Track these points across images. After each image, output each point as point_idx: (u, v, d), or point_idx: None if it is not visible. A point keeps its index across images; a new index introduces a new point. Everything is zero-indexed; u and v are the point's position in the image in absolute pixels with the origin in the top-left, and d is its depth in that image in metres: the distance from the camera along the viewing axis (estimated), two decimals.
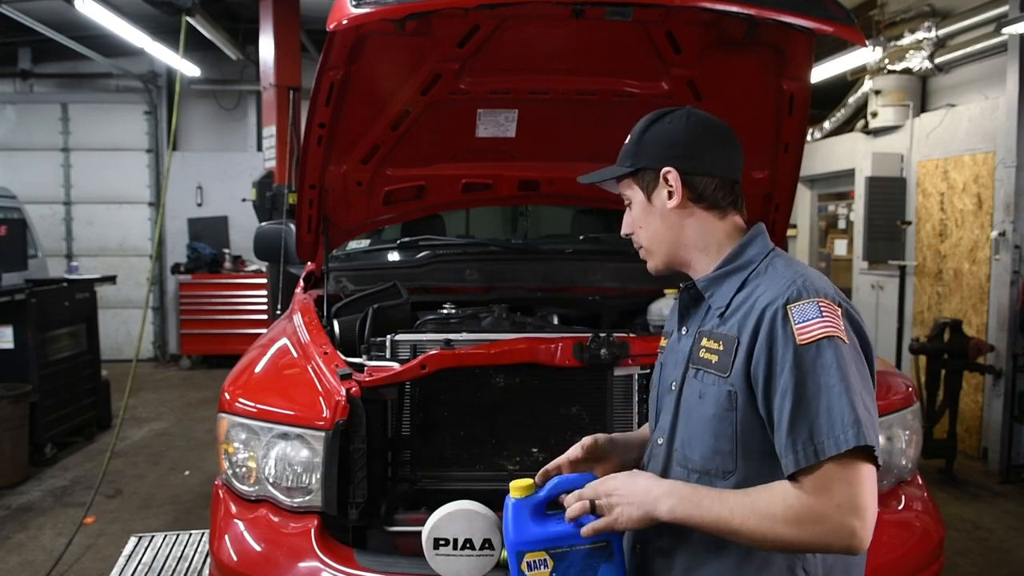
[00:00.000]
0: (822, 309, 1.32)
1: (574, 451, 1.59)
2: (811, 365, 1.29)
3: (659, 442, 1.53)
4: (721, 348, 1.41)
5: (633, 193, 1.56)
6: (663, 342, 1.65)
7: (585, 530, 1.41)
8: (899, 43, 6.48)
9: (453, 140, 2.86)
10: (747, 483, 1.35)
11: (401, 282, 2.89)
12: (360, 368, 2.29)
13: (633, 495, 1.38)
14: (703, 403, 1.42)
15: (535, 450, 2.37)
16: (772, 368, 1.32)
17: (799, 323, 1.31)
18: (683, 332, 1.55)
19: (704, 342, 1.45)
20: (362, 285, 2.99)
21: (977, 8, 5.84)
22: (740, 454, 1.38)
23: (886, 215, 6.75)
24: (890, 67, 6.66)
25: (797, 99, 2.57)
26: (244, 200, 7.55)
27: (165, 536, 4.20)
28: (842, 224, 8.21)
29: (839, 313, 1.34)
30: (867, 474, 1.26)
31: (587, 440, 1.60)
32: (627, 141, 1.58)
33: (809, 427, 1.27)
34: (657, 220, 1.53)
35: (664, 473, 1.49)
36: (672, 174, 1.50)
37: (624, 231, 1.61)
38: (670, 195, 1.50)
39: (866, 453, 1.26)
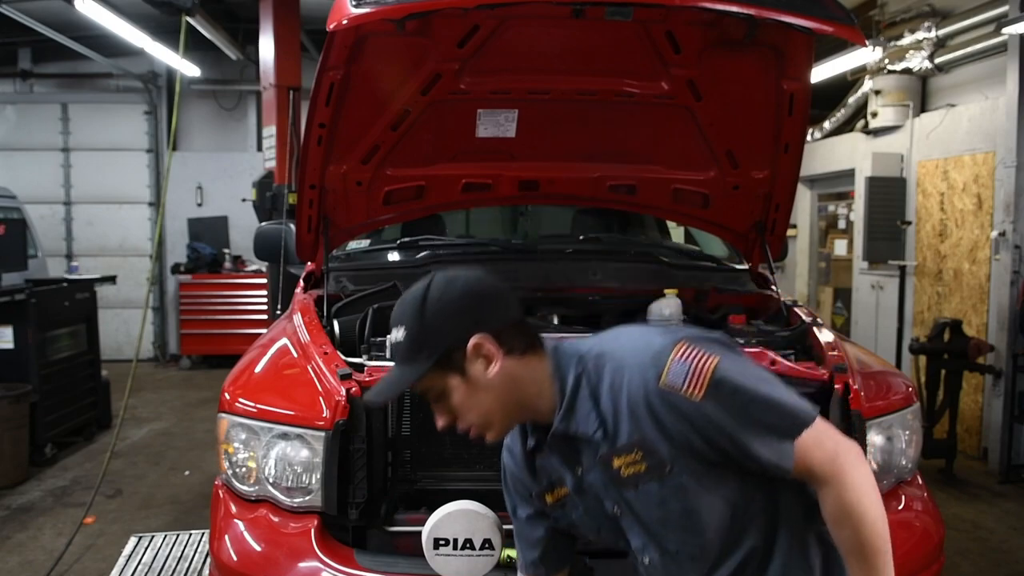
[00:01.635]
0: (684, 361, 1.35)
1: None
2: (724, 403, 1.34)
3: (646, 561, 1.51)
4: (639, 456, 1.40)
5: (442, 383, 1.46)
6: (560, 492, 1.56)
7: None
8: (899, 43, 6.48)
9: (453, 140, 2.86)
10: (756, 500, 1.43)
11: (401, 282, 2.89)
12: (360, 368, 2.29)
13: None
14: (669, 504, 1.41)
15: None
16: (703, 432, 1.36)
17: (683, 386, 1.34)
18: (579, 472, 1.50)
19: (616, 463, 1.42)
20: (362, 285, 2.98)
21: (977, 8, 5.84)
22: (740, 498, 1.42)
23: (886, 215, 6.75)
24: (890, 67, 6.66)
25: (797, 99, 2.57)
26: (244, 200, 7.54)
27: (165, 536, 4.20)
28: (842, 224, 8.21)
29: (688, 347, 1.37)
30: (818, 423, 1.40)
31: None
32: (403, 339, 1.45)
33: (762, 439, 1.36)
34: (483, 394, 1.45)
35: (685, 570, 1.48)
36: (482, 340, 1.43)
37: (443, 425, 1.52)
38: (487, 363, 1.44)
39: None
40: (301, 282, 3.19)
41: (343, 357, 2.33)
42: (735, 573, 1.45)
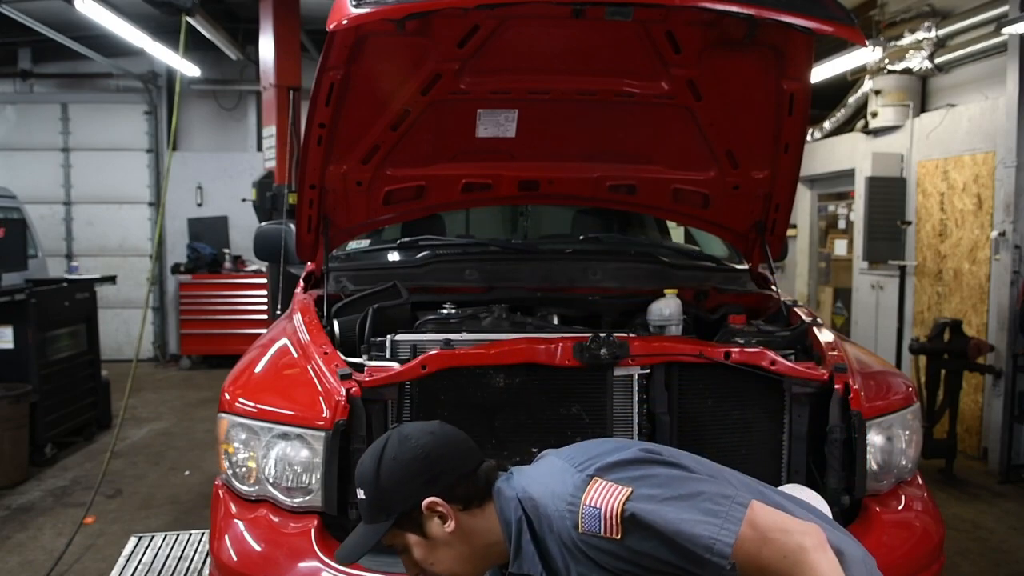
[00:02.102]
0: (595, 506, 1.37)
1: None
2: (644, 537, 1.35)
3: None
4: None
5: (403, 540, 1.53)
6: None
7: None
8: (899, 43, 6.48)
9: (453, 140, 2.86)
10: None
11: (401, 282, 2.89)
12: (360, 368, 2.29)
13: None
14: None
15: (535, 450, 2.36)
16: (639, 562, 1.36)
17: (600, 531, 1.36)
18: None
19: None
20: (362, 285, 2.98)
21: (977, 8, 5.84)
22: None
23: (886, 215, 6.75)
24: (890, 67, 6.66)
25: (797, 99, 2.57)
26: (244, 200, 7.55)
27: (165, 536, 4.20)
28: (842, 224, 8.21)
29: (602, 486, 1.38)
30: (757, 514, 1.35)
31: None
32: (364, 500, 1.53)
33: (697, 561, 1.33)
34: (444, 549, 1.52)
35: None
36: (436, 502, 1.49)
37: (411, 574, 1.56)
38: (443, 520, 1.50)
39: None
40: (301, 282, 3.19)
41: (343, 357, 2.33)
42: None
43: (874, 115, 6.93)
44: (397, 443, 1.53)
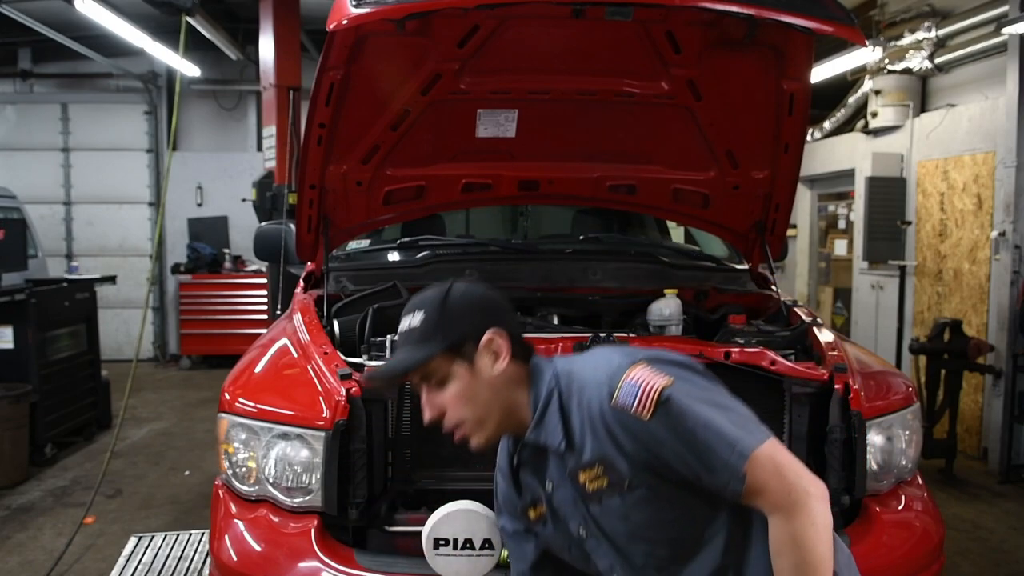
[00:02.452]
0: (635, 382, 1.39)
1: None
2: (671, 424, 1.37)
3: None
4: (601, 471, 1.44)
5: (447, 369, 1.50)
6: (533, 515, 1.62)
7: None
8: (899, 43, 6.48)
9: (453, 140, 2.86)
10: (720, 529, 1.44)
11: (401, 282, 2.89)
12: (360, 368, 2.28)
13: None
14: (632, 517, 1.45)
15: None
16: (653, 450, 1.39)
17: (632, 406, 1.38)
18: (549, 488, 1.54)
19: (582, 478, 1.46)
20: (362, 285, 2.98)
21: (977, 8, 5.84)
22: (703, 512, 1.44)
23: (886, 215, 6.75)
24: (890, 67, 6.66)
25: (797, 99, 2.57)
26: (244, 200, 7.54)
27: (165, 536, 4.20)
28: (842, 224, 8.21)
29: (646, 368, 1.41)
30: (776, 449, 1.38)
31: None
32: (417, 323, 1.51)
33: (710, 463, 1.36)
34: (485, 389, 1.50)
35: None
36: (498, 335, 1.50)
37: (429, 417, 1.54)
38: (495, 359, 1.50)
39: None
40: (301, 282, 3.19)
41: (343, 357, 2.33)
42: None
43: (874, 115, 6.93)
44: (464, 286, 1.54)
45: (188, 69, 8.51)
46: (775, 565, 1.38)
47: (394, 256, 3.40)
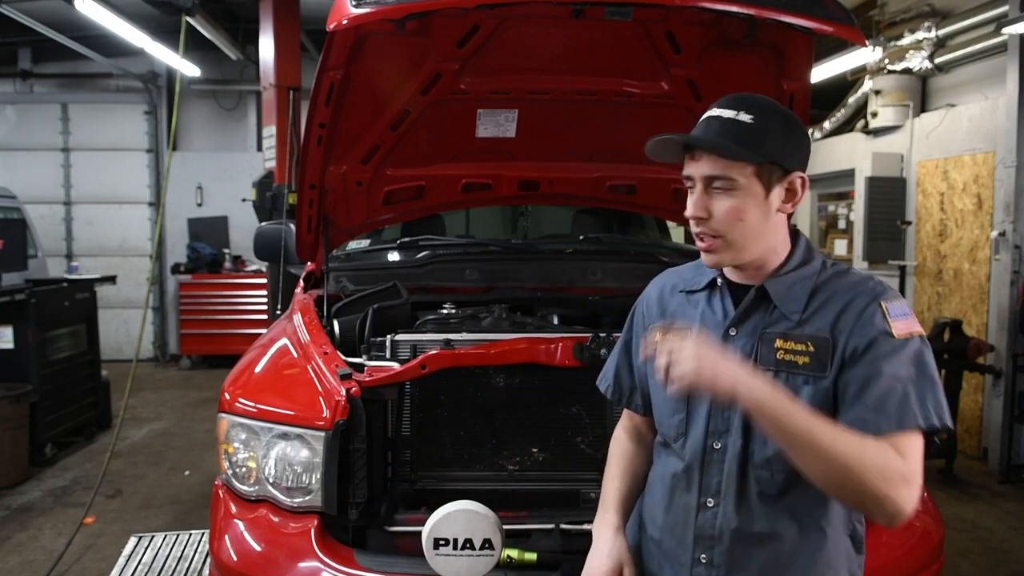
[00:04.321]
0: (905, 310, 1.42)
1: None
2: (913, 355, 1.38)
3: (716, 446, 1.49)
4: (812, 349, 1.42)
5: (746, 181, 1.43)
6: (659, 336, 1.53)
7: (655, 360, 1.37)
8: (899, 43, 6.48)
9: (453, 140, 2.86)
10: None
11: (401, 282, 2.89)
12: (360, 368, 2.29)
13: (723, 365, 1.33)
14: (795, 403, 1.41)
15: (535, 450, 2.37)
16: (876, 358, 1.37)
17: (895, 317, 1.40)
18: (732, 333, 1.50)
19: (781, 344, 1.44)
20: (362, 285, 2.98)
21: (977, 8, 5.84)
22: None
23: (886, 215, 6.75)
24: (890, 67, 6.66)
25: (797, 99, 2.57)
26: (244, 200, 7.55)
27: (165, 536, 4.20)
28: (842, 224, 8.21)
29: (909, 310, 1.44)
30: (919, 452, 1.37)
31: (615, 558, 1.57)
32: (748, 120, 1.42)
33: (921, 401, 1.35)
34: (762, 218, 1.45)
35: (732, 483, 1.47)
36: (803, 180, 1.48)
37: (697, 213, 1.46)
38: (790, 199, 1.48)
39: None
40: (301, 282, 3.19)
41: (343, 357, 2.33)
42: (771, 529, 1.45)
43: (874, 115, 6.93)
44: (786, 113, 1.50)
45: (188, 69, 8.51)
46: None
47: (394, 256, 3.40)
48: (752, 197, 1.44)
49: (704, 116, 1.48)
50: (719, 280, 1.55)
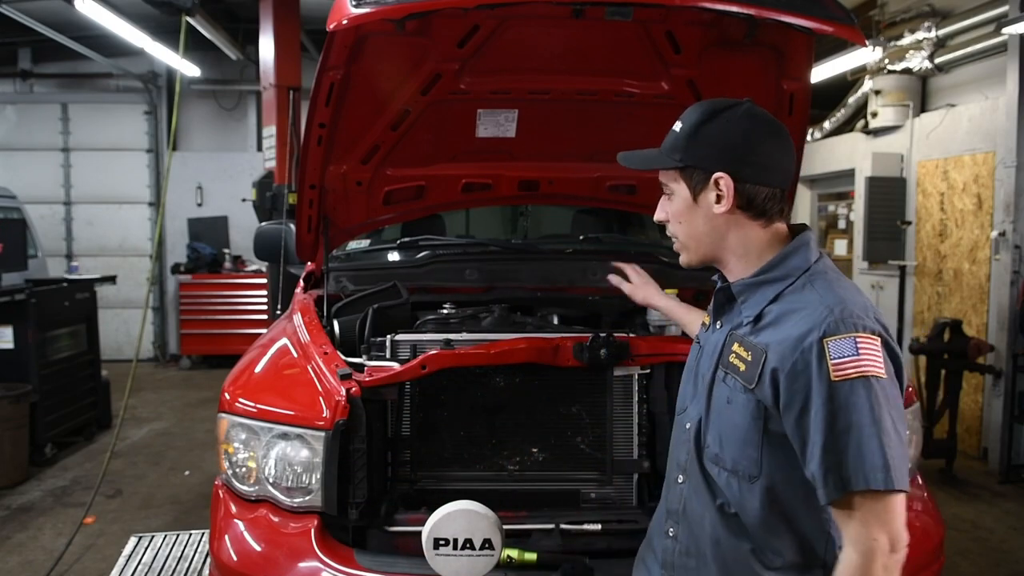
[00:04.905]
0: (859, 345, 1.31)
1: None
2: (843, 402, 1.29)
3: (687, 426, 1.56)
4: (749, 359, 1.42)
5: (677, 187, 1.52)
6: (706, 319, 1.63)
7: None
8: (899, 43, 6.48)
9: (453, 140, 2.86)
10: (774, 489, 1.40)
11: (401, 282, 2.89)
12: (360, 368, 2.29)
13: None
14: (732, 409, 1.45)
15: (535, 450, 2.37)
16: (806, 400, 1.32)
17: (835, 359, 1.31)
18: (717, 326, 1.56)
19: (735, 347, 1.46)
20: (362, 285, 2.98)
21: (977, 8, 5.84)
22: (765, 463, 1.41)
23: (886, 215, 6.75)
24: (890, 67, 6.66)
25: (797, 99, 2.57)
26: (244, 200, 7.55)
27: (165, 536, 4.20)
28: (842, 224, 8.21)
29: (878, 345, 1.33)
30: (899, 506, 1.30)
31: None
32: (677, 129, 1.50)
33: (838, 463, 1.29)
34: (700, 220, 1.50)
35: (692, 464, 1.52)
36: (725, 180, 1.44)
37: (658, 217, 1.59)
38: (718, 200, 1.46)
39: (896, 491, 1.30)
40: (301, 282, 3.19)
41: (343, 357, 2.33)
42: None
43: (874, 115, 6.93)
44: (744, 115, 1.46)
45: (188, 69, 8.51)
46: None
47: (394, 256, 3.40)
48: (683, 201, 1.52)
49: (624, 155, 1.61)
50: (717, 280, 1.60)
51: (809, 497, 1.36)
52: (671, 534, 1.57)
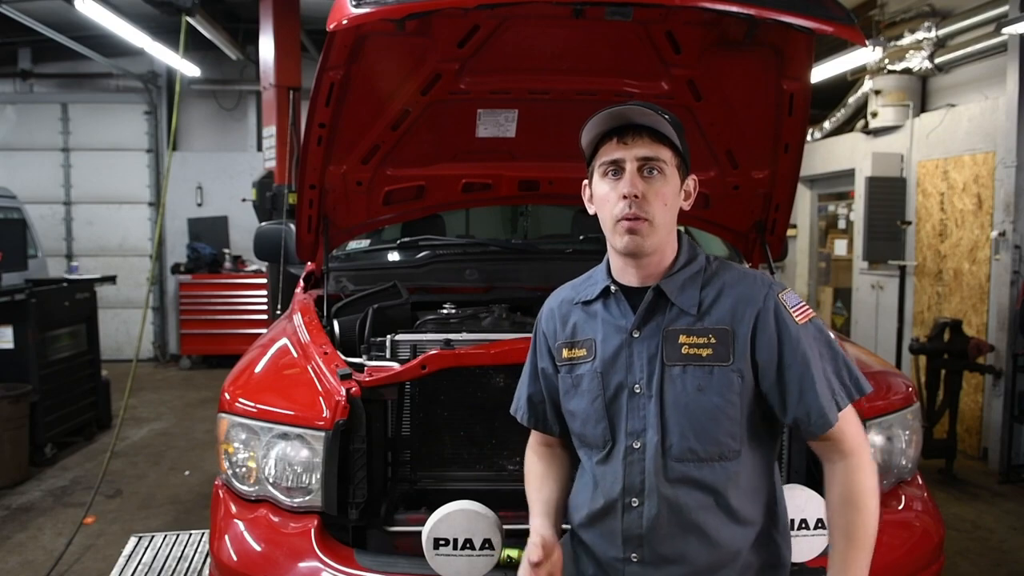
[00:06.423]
0: (795, 295, 1.58)
1: (534, 554, 1.55)
2: (816, 337, 1.53)
3: (636, 446, 1.54)
4: (714, 340, 1.51)
5: (671, 171, 1.54)
6: (578, 352, 1.61)
7: None
8: (899, 43, 6.48)
9: (453, 140, 2.86)
10: (746, 460, 1.53)
11: (401, 282, 2.89)
12: (360, 368, 2.29)
13: None
14: (705, 394, 1.49)
15: None
16: (785, 348, 1.50)
17: (792, 306, 1.54)
18: (635, 335, 1.55)
19: (681, 339, 1.51)
20: (362, 285, 2.99)
21: (977, 8, 5.84)
22: (745, 433, 1.51)
23: (886, 215, 6.75)
24: (890, 67, 6.66)
25: (797, 99, 2.57)
26: (244, 200, 7.55)
27: (165, 536, 4.20)
28: (842, 224, 8.21)
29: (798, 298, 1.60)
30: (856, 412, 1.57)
31: (544, 544, 1.56)
32: (670, 116, 1.54)
33: (839, 383, 1.52)
34: (675, 207, 1.57)
35: (658, 474, 1.52)
36: (695, 182, 1.61)
37: (630, 191, 1.50)
38: (686, 198, 1.60)
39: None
40: (301, 282, 3.19)
41: (343, 357, 2.33)
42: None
43: (874, 115, 6.93)
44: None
45: (188, 69, 8.51)
46: (835, 516, 1.51)
47: (394, 256, 3.40)
48: (671, 185, 1.55)
49: (616, 108, 1.53)
50: (612, 287, 1.60)
51: (770, 463, 1.59)
52: (636, 559, 1.54)
